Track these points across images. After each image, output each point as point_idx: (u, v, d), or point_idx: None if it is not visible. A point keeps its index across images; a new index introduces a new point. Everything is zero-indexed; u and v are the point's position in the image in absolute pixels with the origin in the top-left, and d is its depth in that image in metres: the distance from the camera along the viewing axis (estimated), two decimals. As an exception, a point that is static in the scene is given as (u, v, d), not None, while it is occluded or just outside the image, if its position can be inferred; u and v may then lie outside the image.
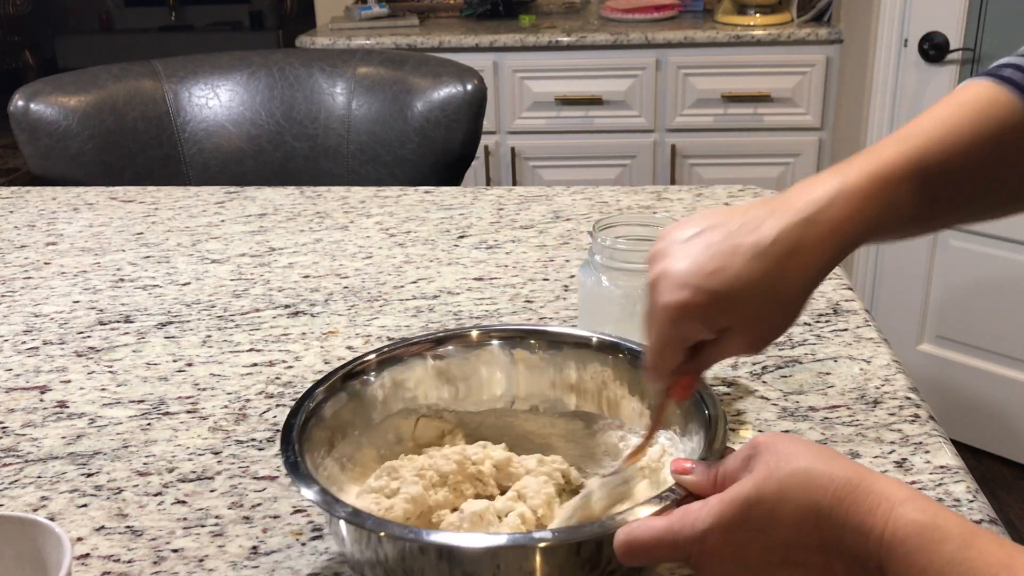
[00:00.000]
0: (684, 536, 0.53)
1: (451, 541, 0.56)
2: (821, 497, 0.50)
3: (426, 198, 1.40)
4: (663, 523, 0.54)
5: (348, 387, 0.72)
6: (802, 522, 0.50)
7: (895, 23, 2.26)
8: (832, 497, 0.50)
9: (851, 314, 1.00)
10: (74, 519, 0.73)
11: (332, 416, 0.70)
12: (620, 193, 1.39)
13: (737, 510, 0.52)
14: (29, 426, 0.86)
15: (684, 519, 0.53)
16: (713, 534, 0.52)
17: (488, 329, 0.78)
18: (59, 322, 1.05)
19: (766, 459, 0.53)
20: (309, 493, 0.59)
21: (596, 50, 2.68)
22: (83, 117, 1.63)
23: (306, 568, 0.67)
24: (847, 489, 0.50)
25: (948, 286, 2.30)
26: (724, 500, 0.52)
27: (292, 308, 1.07)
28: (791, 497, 0.51)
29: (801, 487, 0.51)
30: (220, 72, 1.74)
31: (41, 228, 1.34)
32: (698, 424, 0.66)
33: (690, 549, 0.53)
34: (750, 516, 0.51)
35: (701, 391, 0.67)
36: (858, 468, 0.51)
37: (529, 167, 2.81)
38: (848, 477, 0.50)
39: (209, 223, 1.34)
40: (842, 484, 0.50)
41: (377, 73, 1.72)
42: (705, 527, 0.52)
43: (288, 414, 0.67)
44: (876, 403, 0.83)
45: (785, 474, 0.51)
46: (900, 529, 0.48)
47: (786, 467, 0.51)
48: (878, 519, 0.49)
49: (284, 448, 0.63)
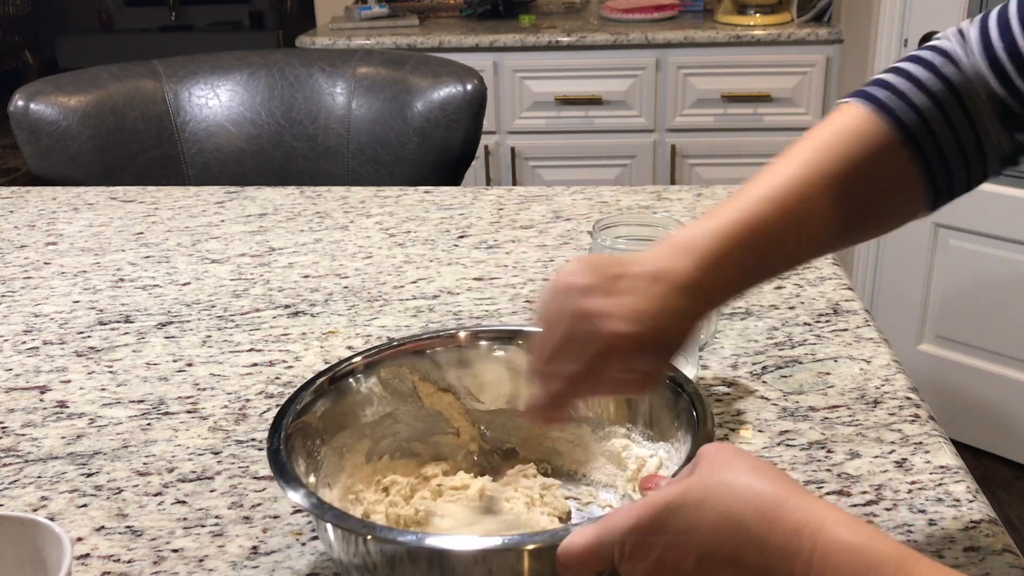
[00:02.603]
0: (607, 539, 0.52)
1: (441, 544, 0.56)
2: (742, 509, 0.49)
3: (426, 198, 1.40)
4: (592, 530, 0.53)
5: (336, 388, 0.72)
6: (719, 532, 0.49)
7: (895, 23, 2.26)
8: (754, 511, 0.48)
9: (851, 314, 1.00)
10: (74, 519, 0.73)
11: (320, 417, 0.69)
12: (620, 193, 1.38)
13: (655, 513, 0.51)
14: (29, 426, 0.86)
15: (607, 523, 0.53)
16: (632, 536, 0.51)
17: (486, 329, 0.78)
18: (59, 322, 1.05)
19: (703, 467, 0.52)
20: (296, 496, 0.59)
21: (596, 50, 2.68)
22: (83, 117, 1.63)
23: (306, 568, 0.67)
24: (772, 504, 0.48)
25: (948, 286, 2.30)
26: (647, 503, 0.52)
27: (292, 308, 1.07)
28: (712, 505, 0.49)
29: (725, 496, 0.49)
30: (220, 72, 1.74)
31: (41, 228, 1.34)
32: (687, 427, 0.66)
33: (612, 554, 0.52)
34: (668, 521, 0.50)
35: (689, 390, 0.67)
36: (790, 485, 0.50)
37: (529, 167, 2.81)
38: (775, 493, 0.49)
39: (209, 223, 1.34)
40: (768, 499, 0.49)
41: (377, 73, 1.72)
42: (626, 527, 0.52)
43: (275, 416, 0.67)
44: (876, 403, 0.83)
45: (714, 483, 0.50)
46: (832, 554, 0.46)
47: (717, 476, 0.50)
48: (804, 540, 0.47)
49: (271, 453, 0.63)
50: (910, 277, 2.35)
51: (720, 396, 0.85)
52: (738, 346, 0.94)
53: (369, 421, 0.73)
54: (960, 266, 2.26)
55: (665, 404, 0.70)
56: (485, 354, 0.76)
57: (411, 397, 0.75)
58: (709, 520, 0.49)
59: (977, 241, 2.21)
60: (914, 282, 2.34)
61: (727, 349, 0.93)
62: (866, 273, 2.45)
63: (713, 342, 0.94)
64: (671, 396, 0.69)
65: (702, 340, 0.92)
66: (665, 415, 0.70)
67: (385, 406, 0.74)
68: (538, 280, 1.11)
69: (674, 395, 0.69)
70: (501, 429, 0.77)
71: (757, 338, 0.95)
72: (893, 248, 2.37)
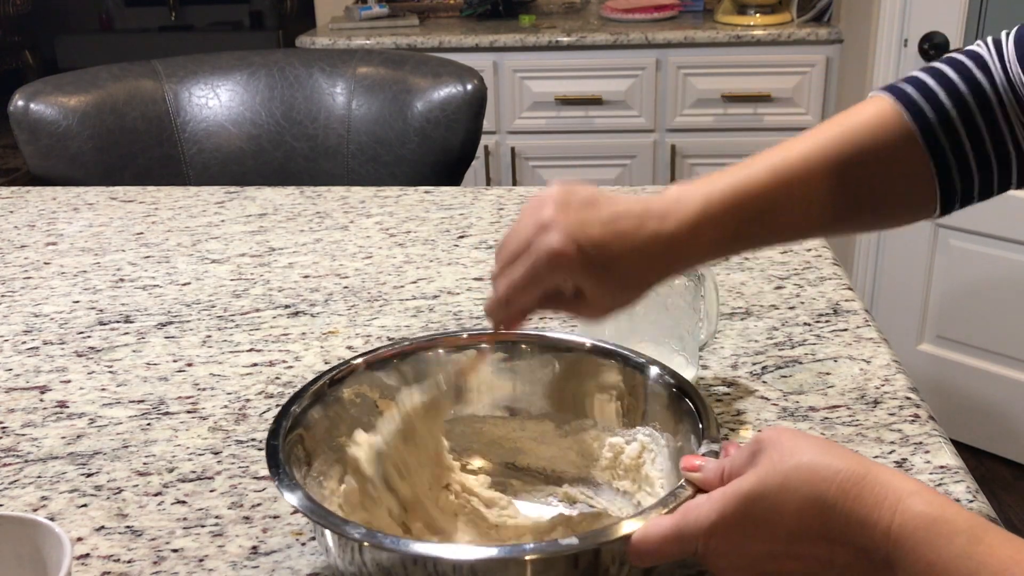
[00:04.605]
0: (689, 532, 0.54)
1: (438, 553, 0.55)
2: (825, 489, 0.50)
3: (426, 198, 1.40)
4: (669, 521, 0.55)
5: (328, 393, 0.71)
6: (806, 513, 0.51)
7: (895, 23, 2.26)
8: (837, 489, 0.50)
9: (851, 314, 1.00)
10: (74, 519, 0.73)
11: (314, 423, 0.69)
12: (620, 193, 1.38)
13: (740, 503, 0.52)
14: (29, 426, 0.86)
15: (688, 515, 0.54)
16: (718, 528, 0.53)
17: (442, 336, 0.78)
18: (59, 322, 1.05)
19: (770, 454, 0.53)
20: (292, 499, 0.59)
21: (596, 50, 2.68)
22: (83, 117, 1.63)
23: (306, 568, 0.67)
24: (852, 481, 0.50)
25: (948, 286, 2.30)
26: (727, 494, 0.53)
27: (292, 308, 1.07)
28: (795, 489, 0.51)
29: (805, 480, 0.51)
30: (220, 72, 1.74)
31: (41, 228, 1.34)
32: (687, 417, 0.66)
33: (695, 544, 0.54)
34: (753, 509, 0.52)
35: (682, 384, 0.67)
36: (864, 461, 0.52)
37: (529, 167, 2.81)
38: (854, 469, 0.51)
39: (209, 223, 1.34)
40: (847, 476, 0.50)
41: (377, 73, 1.72)
42: (710, 522, 0.53)
43: (274, 419, 0.67)
44: (876, 403, 0.83)
45: (789, 467, 0.52)
46: (908, 522, 0.48)
47: (790, 460, 0.52)
48: (884, 512, 0.49)
49: (270, 458, 0.63)
50: (910, 277, 2.35)
51: (720, 396, 0.85)
52: (738, 346, 0.94)
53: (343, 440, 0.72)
54: (960, 266, 2.26)
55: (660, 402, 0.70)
56: (441, 360, 0.76)
57: (374, 413, 0.74)
58: (794, 503, 0.51)
59: (977, 241, 2.21)
60: (914, 282, 2.34)
61: (727, 349, 0.93)
62: (866, 273, 2.45)
63: (713, 342, 0.94)
64: (665, 393, 0.69)
65: (702, 340, 0.92)
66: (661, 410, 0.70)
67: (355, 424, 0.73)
68: (538, 280, 1.11)
69: (667, 390, 0.69)
70: (461, 437, 0.76)
71: (757, 338, 0.95)
72: (893, 248, 2.37)
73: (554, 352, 0.75)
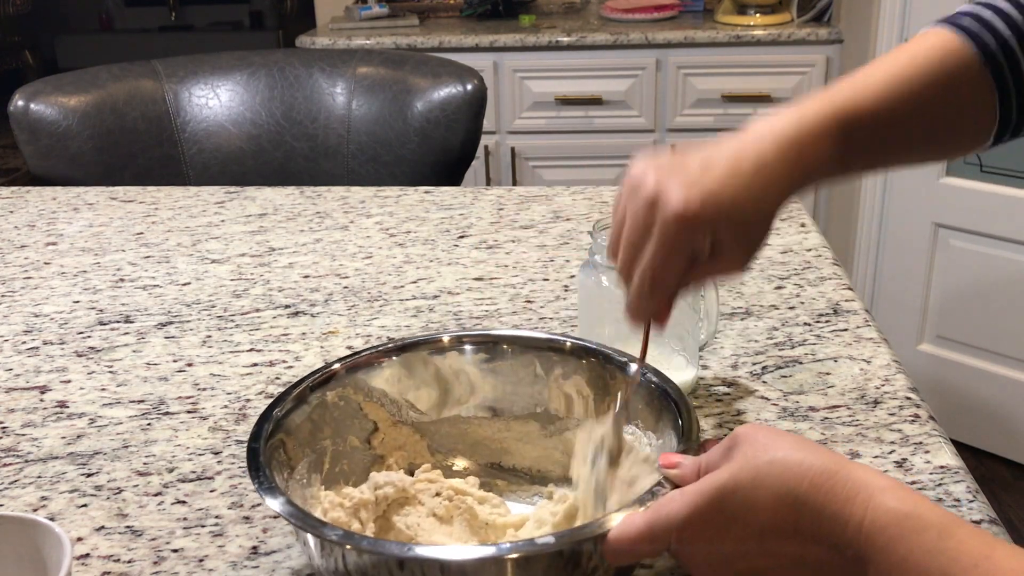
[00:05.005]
0: (661, 527, 0.54)
1: (429, 554, 0.55)
2: (797, 484, 0.50)
3: (426, 198, 1.40)
4: (642, 519, 0.55)
5: (311, 396, 0.71)
6: (778, 509, 0.51)
7: (895, 23, 2.26)
8: (809, 484, 0.50)
9: (851, 314, 1.00)
10: (74, 519, 0.73)
11: (297, 427, 0.69)
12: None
13: (712, 497, 0.52)
14: (29, 426, 0.86)
15: (660, 511, 0.54)
16: (690, 523, 0.53)
17: (420, 338, 0.78)
18: (59, 322, 1.05)
19: (744, 449, 0.53)
20: (275, 504, 0.59)
21: (596, 50, 2.68)
22: (83, 117, 1.63)
23: (306, 568, 0.67)
24: (824, 476, 0.50)
25: (948, 286, 2.30)
26: (700, 490, 0.53)
27: (292, 308, 1.07)
28: (767, 484, 0.51)
29: (777, 475, 0.51)
30: (220, 72, 1.74)
31: (41, 228, 1.34)
32: (668, 416, 0.66)
33: (668, 540, 0.54)
34: (725, 504, 0.52)
35: (664, 385, 0.67)
36: (837, 457, 0.52)
37: (529, 167, 2.81)
38: (826, 465, 0.51)
39: (209, 223, 1.34)
40: (819, 471, 0.50)
41: (377, 73, 1.72)
42: (682, 517, 0.53)
43: (255, 423, 0.67)
44: (876, 403, 0.83)
45: (762, 462, 0.52)
46: (879, 518, 0.48)
47: (763, 456, 0.52)
48: (856, 507, 0.49)
49: (251, 463, 0.63)
50: (910, 277, 2.35)
51: (720, 396, 0.85)
52: (738, 346, 0.94)
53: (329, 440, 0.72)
54: (960, 266, 2.26)
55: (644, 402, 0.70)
56: (423, 362, 0.76)
57: (357, 417, 0.74)
58: (766, 498, 0.51)
59: (977, 241, 2.21)
60: (914, 282, 2.34)
61: (727, 349, 0.93)
62: (866, 273, 2.45)
63: (713, 342, 0.94)
64: (649, 394, 0.69)
65: (702, 340, 0.92)
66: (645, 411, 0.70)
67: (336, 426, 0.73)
68: (538, 280, 1.11)
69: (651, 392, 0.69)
70: (446, 438, 0.76)
71: (757, 338, 0.95)
72: (893, 248, 2.37)
73: (535, 352, 0.76)
